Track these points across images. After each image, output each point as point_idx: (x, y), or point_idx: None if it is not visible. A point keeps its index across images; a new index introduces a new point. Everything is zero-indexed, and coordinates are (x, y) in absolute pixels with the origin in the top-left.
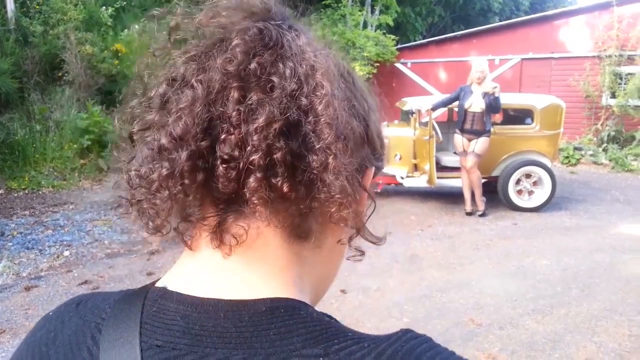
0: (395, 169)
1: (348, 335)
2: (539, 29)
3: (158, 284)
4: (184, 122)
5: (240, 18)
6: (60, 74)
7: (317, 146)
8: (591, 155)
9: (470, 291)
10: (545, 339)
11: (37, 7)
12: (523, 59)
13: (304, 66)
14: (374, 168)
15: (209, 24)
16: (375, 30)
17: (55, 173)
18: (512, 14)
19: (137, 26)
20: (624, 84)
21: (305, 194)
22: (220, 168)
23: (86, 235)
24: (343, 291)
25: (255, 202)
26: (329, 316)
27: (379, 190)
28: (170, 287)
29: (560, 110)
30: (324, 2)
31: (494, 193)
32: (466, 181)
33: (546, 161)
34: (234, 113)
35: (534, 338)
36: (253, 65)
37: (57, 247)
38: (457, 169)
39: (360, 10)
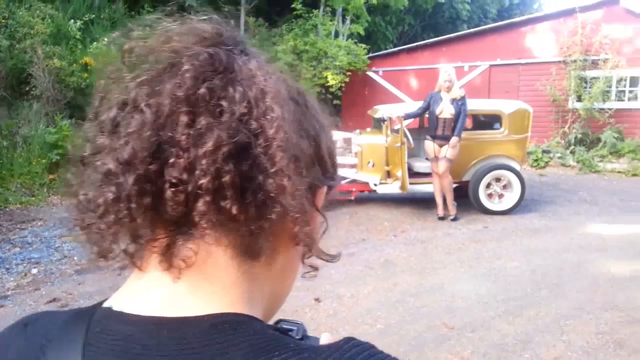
0: (369, 176)
1: (289, 347)
2: (506, 35)
3: (105, 304)
4: (132, 147)
5: (191, 43)
6: (27, 89)
7: (272, 170)
8: (559, 157)
9: (443, 295)
10: (515, 340)
11: (3, 20)
12: (491, 66)
13: (254, 90)
14: (325, 187)
15: (161, 48)
16: (346, 40)
17: (23, 189)
18: (480, 21)
19: (106, 39)
20: (589, 87)
21: (256, 215)
22: (169, 192)
23: (55, 252)
24: (317, 300)
25: (204, 225)
26: (280, 329)
27: (352, 198)
28: (116, 307)
29: (527, 114)
30: (295, 13)
31: (466, 197)
32: (438, 186)
33: (515, 165)
34: (183, 137)
35: (504, 340)
36: (202, 90)
37: (25, 264)
38: (429, 174)
39: (331, 20)
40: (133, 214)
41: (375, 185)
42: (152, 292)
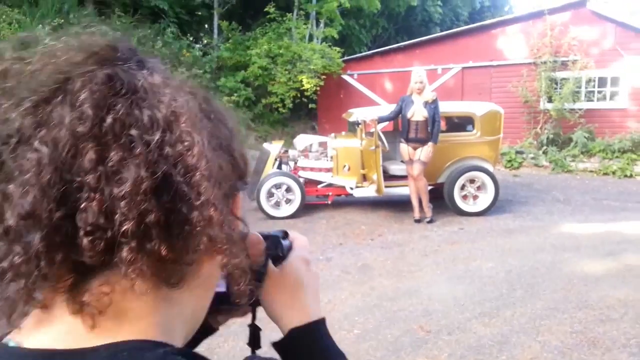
0: (345, 179)
1: None
2: (478, 38)
3: (4, 340)
4: (33, 196)
5: (81, 60)
6: None
7: (197, 202)
8: (532, 158)
9: (419, 298)
10: (492, 342)
11: None
12: (464, 68)
13: (164, 111)
14: (240, 192)
15: (45, 69)
16: (320, 43)
17: None
18: (453, 24)
19: None
20: (559, 88)
21: (183, 249)
22: (85, 240)
23: None
24: None
25: (132, 275)
26: (189, 354)
27: (329, 202)
28: (12, 343)
29: (499, 116)
30: (269, 16)
31: (441, 199)
32: (414, 189)
33: (488, 166)
34: (91, 177)
35: (481, 341)
36: (108, 121)
37: None
38: (404, 177)
39: (305, 24)
40: (46, 275)
41: (352, 188)
42: (53, 325)
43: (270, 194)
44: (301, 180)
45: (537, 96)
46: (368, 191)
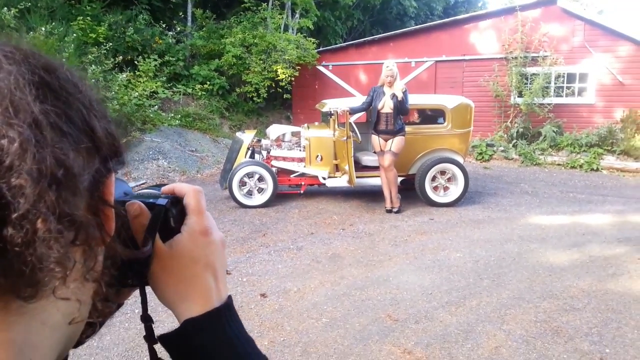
0: (317, 169)
1: None
2: (451, 32)
3: None
4: None
5: None
6: None
7: (14, 215)
8: (502, 151)
9: (388, 287)
10: (458, 330)
11: None
12: (437, 61)
13: None
14: (113, 174)
15: None
16: (296, 34)
17: None
18: (427, 18)
19: (43, 28)
20: (529, 83)
21: (13, 281)
22: None
23: None
24: (263, 295)
25: None
26: None
27: (301, 192)
28: None
29: (469, 109)
30: (243, 5)
31: (412, 190)
32: (385, 180)
33: (459, 158)
34: None
35: (447, 330)
36: None
37: None
38: (376, 168)
39: (280, 14)
40: None
41: (324, 178)
42: None
43: (242, 183)
44: (274, 169)
45: (508, 91)
46: (340, 181)
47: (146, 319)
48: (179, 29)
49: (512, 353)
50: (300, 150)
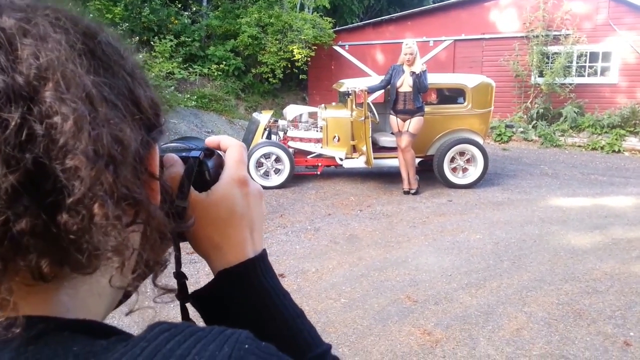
0: (334, 150)
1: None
2: (471, 11)
3: None
4: None
5: None
6: None
7: (69, 200)
8: (522, 132)
9: (407, 268)
10: (478, 312)
11: None
12: (456, 40)
13: (26, 71)
14: (157, 145)
15: None
16: (312, 13)
17: None
18: None
19: None
20: (551, 63)
21: (68, 266)
22: None
23: None
24: (281, 275)
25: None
26: (88, 326)
27: (318, 173)
28: None
29: (490, 89)
30: None
31: (430, 171)
32: (402, 161)
33: (478, 139)
34: None
35: (467, 311)
36: None
37: None
38: (394, 149)
39: None
40: None
41: (341, 159)
42: None
43: (259, 164)
44: (290, 150)
45: (529, 70)
46: (357, 162)
47: (179, 275)
48: (194, 9)
49: (533, 335)
50: (317, 131)
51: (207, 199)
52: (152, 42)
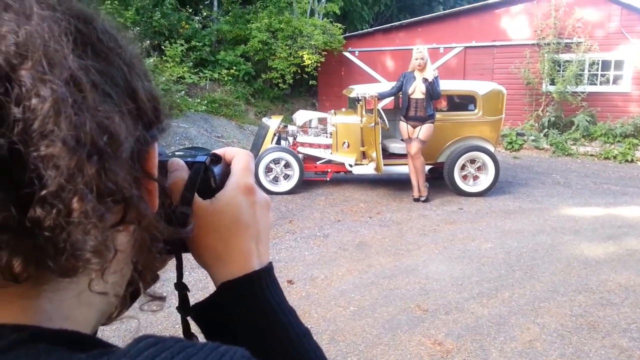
0: (344, 156)
1: None
2: (481, 17)
3: None
4: None
5: None
6: None
7: (43, 192)
8: (533, 140)
9: (417, 277)
10: (490, 322)
11: None
12: (466, 47)
13: (4, 49)
14: (156, 143)
15: None
16: (322, 19)
17: None
18: (456, 3)
19: None
20: (562, 71)
21: (45, 265)
22: None
23: None
24: (290, 282)
25: None
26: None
27: (328, 179)
28: None
29: (501, 96)
30: None
31: (441, 179)
32: (412, 168)
33: (489, 147)
34: None
35: (479, 322)
36: None
37: None
38: (404, 156)
39: None
40: None
41: (351, 166)
42: None
43: (268, 169)
44: (300, 156)
45: (540, 78)
46: (367, 169)
47: (181, 287)
48: (205, 13)
49: (547, 347)
50: (326, 137)
51: (211, 206)
52: (162, 47)
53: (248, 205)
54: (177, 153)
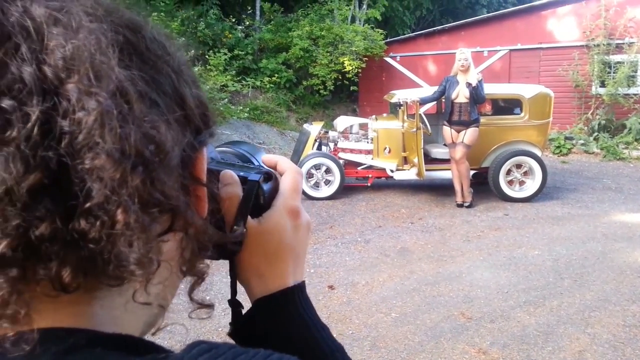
0: (385, 162)
1: None
2: (527, 20)
3: None
4: None
5: None
6: None
7: (88, 204)
8: (582, 144)
9: (461, 284)
10: (537, 332)
11: None
12: (511, 50)
13: (52, 62)
14: (204, 149)
15: None
16: (363, 25)
17: None
18: (500, 5)
19: None
20: (613, 72)
21: (94, 275)
22: None
23: None
24: (331, 287)
25: (8, 316)
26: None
27: (369, 185)
28: None
29: (548, 99)
30: None
31: (485, 184)
32: (456, 173)
33: (536, 151)
34: None
35: (525, 331)
36: None
37: None
38: (447, 161)
39: (347, 5)
40: None
41: (392, 171)
42: None
43: (309, 175)
44: (341, 161)
45: (589, 80)
46: (409, 174)
47: (235, 304)
48: (247, 23)
49: (597, 358)
50: (367, 142)
51: (259, 227)
52: (207, 56)
53: (292, 228)
54: (218, 149)
